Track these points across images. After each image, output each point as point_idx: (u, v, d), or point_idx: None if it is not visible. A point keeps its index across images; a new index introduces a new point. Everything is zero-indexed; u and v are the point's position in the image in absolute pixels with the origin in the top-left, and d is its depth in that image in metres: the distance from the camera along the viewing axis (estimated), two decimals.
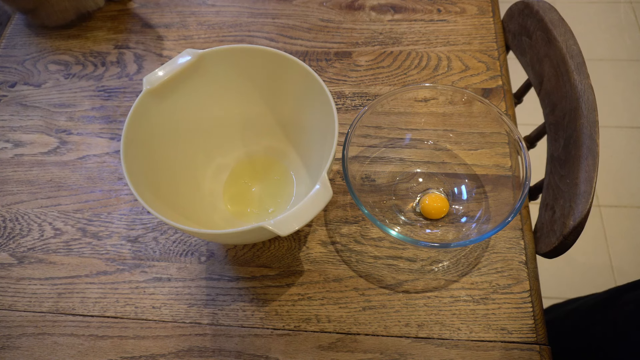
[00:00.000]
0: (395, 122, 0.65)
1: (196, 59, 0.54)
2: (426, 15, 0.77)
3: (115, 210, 0.64)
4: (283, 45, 0.76)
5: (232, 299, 0.57)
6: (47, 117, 0.72)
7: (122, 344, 0.55)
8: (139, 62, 0.76)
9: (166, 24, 0.80)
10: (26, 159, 0.69)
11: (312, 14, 0.79)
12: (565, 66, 0.56)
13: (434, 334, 0.53)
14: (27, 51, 0.79)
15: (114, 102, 0.73)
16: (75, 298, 0.58)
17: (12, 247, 0.62)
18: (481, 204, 0.59)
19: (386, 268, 0.57)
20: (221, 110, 0.61)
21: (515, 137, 0.54)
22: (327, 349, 0.53)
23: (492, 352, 0.52)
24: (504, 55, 0.72)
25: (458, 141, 0.63)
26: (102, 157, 0.68)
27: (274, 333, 0.54)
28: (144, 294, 0.58)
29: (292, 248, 0.59)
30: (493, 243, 0.58)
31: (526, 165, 0.52)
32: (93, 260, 0.60)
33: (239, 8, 0.81)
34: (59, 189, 0.66)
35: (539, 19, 0.62)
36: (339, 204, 0.62)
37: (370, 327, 0.54)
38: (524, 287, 0.55)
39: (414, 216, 0.60)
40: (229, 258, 0.59)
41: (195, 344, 0.54)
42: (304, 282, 0.57)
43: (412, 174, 0.63)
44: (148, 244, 0.61)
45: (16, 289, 0.59)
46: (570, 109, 0.55)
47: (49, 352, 0.55)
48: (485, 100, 0.57)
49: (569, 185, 0.53)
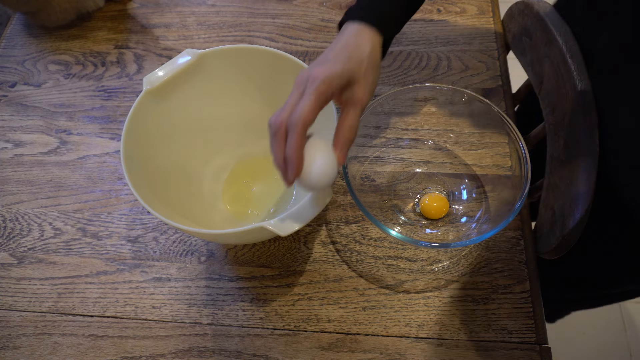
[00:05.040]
0: (395, 122, 0.65)
1: (196, 59, 0.54)
2: (426, 15, 0.77)
3: (115, 210, 0.64)
4: (283, 45, 0.76)
5: (232, 299, 0.57)
6: (47, 117, 0.72)
7: (122, 344, 0.55)
8: (139, 62, 0.76)
9: (166, 24, 0.80)
10: (26, 159, 0.69)
11: (312, 14, 0.79)
12: (565, 66, 0.56)
13: (434, 334, 0.53)
14: (27, 51, 0.79)
15: (114, 102, 0.73)
16: (75, 298, 0.58)
17: (12, 247, 0.62)
18: (481, 204, 0.59)
19: (386, 268, 0.57)
20: (221, 110, 0.61)
21: (516, 137, 0.54)
22: (327, 349, 0.53)
23: (492, 352, 0.52)
24: (504, 55, 0.72)
25: (458, 141, 0.63)
26: (102, 157, 0.68)
27: (274, 333, 0.54)
28: (144, 294, 0.58)
29: (292, 248, 0.59)
30: (493, 243, 0.58)
31: (526, 166, 0.52)
32: (93, 260, 0.60)
33: (239, 8, 0.81)
34: (59, 189, 0.66)
35: (539, 19, 0.62)
36: (339, 204, 0.62)
37: (370, 327, 0.54)
38: (524, 287, 0.55)
39: (414, 216, 0.60)
40: (229, 258, 0.59)
41: (195, 344, 0.54)
42: (304, 282, 0.57)
43: (412, 174, 0.63)
44: (148, 244, 0.61)
45: (16, 289, 0.59)
46: (570, 109, 0.55)
47: (49, 352, 0.55)
48: (485, 100, 0.57)
49: (569, 185, 0.53)
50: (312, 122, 0.39)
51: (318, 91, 0.39)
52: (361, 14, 0.44)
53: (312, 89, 0.39)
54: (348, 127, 0.41)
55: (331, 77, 0.39)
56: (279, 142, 0.39)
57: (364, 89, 0.42)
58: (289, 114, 0.39)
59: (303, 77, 0.40)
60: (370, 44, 0.43)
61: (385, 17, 0.45)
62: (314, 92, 0.39)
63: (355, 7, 0.46)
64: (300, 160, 0.39)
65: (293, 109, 0.39)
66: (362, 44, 0.42)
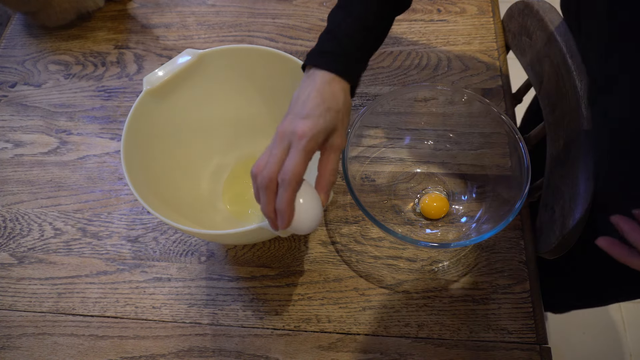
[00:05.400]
0: (395, 122, 0.65)
1: (196, 59, 0.54)
2: (426, 15, 0.77)
3: (115, 210, 0.64)
4: (283, 45, 0.76)
5: (232, 299, 0.57)
6: (47, 117, 0.72)
7: (122, 344, 0.55)
8: (139, 62, 0.76)
9: (166, 24, 0.80)
10: (26, 159, 0.69)
11: (312, 14, 0.79)
12: (565, 66, 0.56)
13: (434, 334, 0.53)
14: (27, 51, 0.79)
15: (114, 102, 0.73)
16: (75, 298, 0.58)
17: (12, 247, 0.62)
18: (481, 204, 0.59)
19: (386, 268, 0.57)
20: (221, 110, 0.61)
21: (515, 137, 0.54)
22: (327, 349, 0.53)
23: (492, 352, 0.52)
24: (504, 55, 0.72)
25: (458, 141, 0.63)
26: (102, 157, 0.68)
27: (274, 333, 0.54)
28: (144, 294, 0.58)
29: (292, 248, 0.59)
30: (493, 243, 0.58)
31: (526, 165, 0.52)
32: (93, 260, 0.60)
33: (239, 8, 0.81)
34: (59, 189, 0.66)
35: (539, 19, 0.62)
36: (339, 204, 0.62)
37: (370, 327, 0.54)
38: (524, 287, 0.55)
39: (414, 216, 0.60)
40: (229, 258, 0.59)
41: (195, 344, 0.54)
42: (304, 282, 0.57)
43: (412, 174, 0.63)
44: (148, 244, 0.61)
45: (16, 289, 0.59)
46: (570, 109, 0.55)
47: (49, 352, 0.55)
48: (485, 100, 0.57)
49: (569, 185, 0.53)
50: (303, 175, 0.41)
51: (307, 148, 0.40)
52: (327, 62, 0.44)
53: (301, 146, 0.40)
54: (330, 171, 0.43)
55: (317, 134, 0.41)
56: (269, 196, 0.40)
57: (342, 135, 0.44)
58: (277, 168, 0.40)
59: (286, 130, 0.41)
60: (343, 93, 0.44)
61: (351, 66, 0.46)
62: (304, 149, 0.40)
63: (318, 50, 0.46)
64: (292, 213, 0.40)
65: (280, 163, 0.40)
66: (336, 93, 0.43)
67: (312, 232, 0.46)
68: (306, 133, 0.40)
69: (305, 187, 0.42)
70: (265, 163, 0.41)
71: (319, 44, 0.46)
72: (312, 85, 0.44)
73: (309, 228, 0.42)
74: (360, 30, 0.46)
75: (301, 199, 0.41)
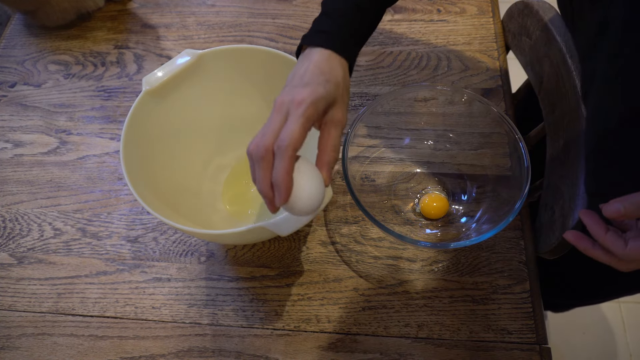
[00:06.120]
0: (395, 122, 0.65)
1: (195, 59, 0.54)
2: (426, 15, 0.77)
3: (115, 210, 0.64)
4: (283, 45, 0.76)
5: (232, 299, 0.57)
6: (47, 117, 0.72)
7: (122, 344, 0.55)
8: (139, 62, 0.76)
9: (166, 24, 0.80)
10: (26, 159, 0.69)
11: (312, 14, 0.79)
12: (565, 66, 0.56)
13: (434, 334, 0.53)
14: (27, 51, 0.79)
15: (114, 102, 0.73)
16: (75, 298, 0.58)
17: (12, 247, 0.62)
18: (481, 204, 0.59)
19: (386, 268, 0.57)
20: (221, 110, 0.61)
21: (515, 137, 0.54)
22: (327, 349, 0.53)
23: (492, 352, 0.52)
24: (504, 56, 0.72)
25: (458, 141, 0.63)
26: (102, 157, 0.68)
27: (274, 333, 0.54)
28: (143, 294, 0.58)
29: (292, 248, 0.59)
30: (493, 243, 0.58)
31: (526, 166, 0.52)
32: (93, 261, 0.60)
33: (239, 8, 0.81)
34: (59, 189, 0.66)
35: (539, 19, 0.62)
36: (339, 204, 0.62)
37: (370, 327, 0.54)
38: (524, 287, 0.55)
39: (413, 216, 0.60)
40: (229, 258, 0.59)
41: (195, 344, 0.54)
42: (304, 282, 0.57)
43: (412, 174, 0.63)
44: (148, 244, 0.61)
45: (16, 289, 0.59)
46: (570, 109, 0.55)
47: (48, 352, 0.55)
48: (485, 100, 0.57)
49: (569, 185, 0.53)
50: (301, 146, 0.38)
51: (307, 114, 0.38)
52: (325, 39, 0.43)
53: (299, 112, 0.38)
54: (332, 147, 0.41)
55: (317, 100, 0.39)
56: (265, 168, 0.37)
57: (343, 110, 0.42)
58: (273, 139, 0.37)
59: (284, 100, 0.39)
60: (341, 68, 0.43)
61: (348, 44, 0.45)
62: (303, 115, 0.37)
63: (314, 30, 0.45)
64: (290, 185, 0.37)
65: (277, 133, 0.38)
66: (335, 68, 0.42)
67: (314, 215, 0.41)
68: (305, 99, 0.38)
69: (305, 163, 0.39)
70: (261, 136, 0.38)
71: (315, 25, 0.46)
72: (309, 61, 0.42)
73: (311, 207, 0.38)
74: (355, 12, 0.45)
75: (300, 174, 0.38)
